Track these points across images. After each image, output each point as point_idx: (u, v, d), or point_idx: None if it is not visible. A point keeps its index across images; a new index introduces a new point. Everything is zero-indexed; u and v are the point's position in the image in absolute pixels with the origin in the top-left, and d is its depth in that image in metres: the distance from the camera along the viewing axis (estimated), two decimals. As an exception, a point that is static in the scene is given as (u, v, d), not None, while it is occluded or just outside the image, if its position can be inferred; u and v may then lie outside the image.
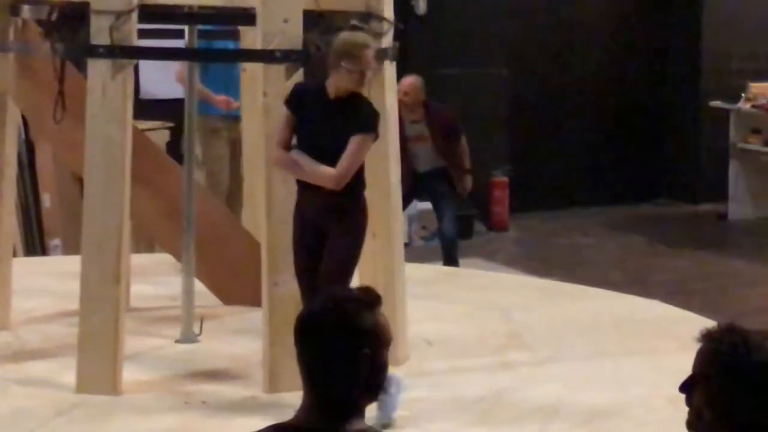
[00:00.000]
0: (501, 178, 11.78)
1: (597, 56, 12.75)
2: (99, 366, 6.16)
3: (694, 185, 12.85)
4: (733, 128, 12.26)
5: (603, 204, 12.70)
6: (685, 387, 3.03)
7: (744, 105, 12.13)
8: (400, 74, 10.85)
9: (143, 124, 9.18)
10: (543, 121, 12.48)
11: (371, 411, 5.15)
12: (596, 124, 12.79)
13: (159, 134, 9.88)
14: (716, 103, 12.39)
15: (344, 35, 5.85)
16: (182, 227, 7.01)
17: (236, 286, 7.50)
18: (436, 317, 7.65)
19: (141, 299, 7.75)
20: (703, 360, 3.00)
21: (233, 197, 8.84)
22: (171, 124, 9.97)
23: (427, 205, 11.29)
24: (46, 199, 10.22)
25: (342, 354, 2.91)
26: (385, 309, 6.73)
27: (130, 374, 6.34)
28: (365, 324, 2.94)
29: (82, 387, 6.15)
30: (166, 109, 9.68)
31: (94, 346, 6.15)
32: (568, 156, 12.61)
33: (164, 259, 8.08)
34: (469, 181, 9.86)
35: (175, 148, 9.01)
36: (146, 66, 9.64)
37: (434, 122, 9.61)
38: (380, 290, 6.62)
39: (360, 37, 5.87)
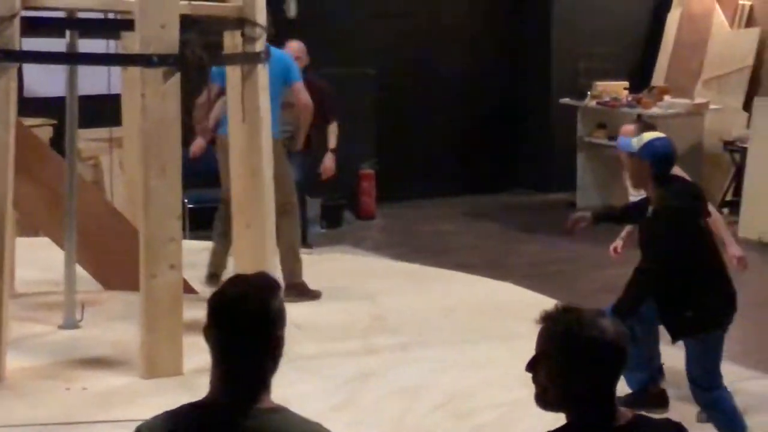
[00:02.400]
0: (368, 171, 11.80)
1: (458, 57, 12.82)
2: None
3: (547, 176, 13.00)
4: (581, 123, 12.44)
5: (464, 194, 12.80)
6: (530, 365, 3.11)
7: (590, 102, 12.31)
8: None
9: (27, 121, 9.00)
10: (408, 117, 12.52)
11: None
12: (458, 120, 12.87)
13: (43, 130, 9.70)
14: (565, 101, 12.54)
15: None
16: (63, 216, 6.90)
17: (116, 271, 7.39)
18: (306, 305, 7.60)
19: (25, 284, 7.59)
20: (542, 339, 3.09)
21: None
22: (54, 121, 9.79)
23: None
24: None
25: (258, 337, 2.95)
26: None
27: (13, 360, 6.20)
28: (276, 308, 2.99)
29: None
30: (49, 107, 9.50)
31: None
32: (431, 149, 12.67)
33: (49, 242, 7.89)
34: (331, 161, 9.70)
35: (57, 144, 8.85)
36: (30, 66, 9.44)
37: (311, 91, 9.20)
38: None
39: None
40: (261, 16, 6.61)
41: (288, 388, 6.02)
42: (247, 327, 2.93)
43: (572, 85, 12.73)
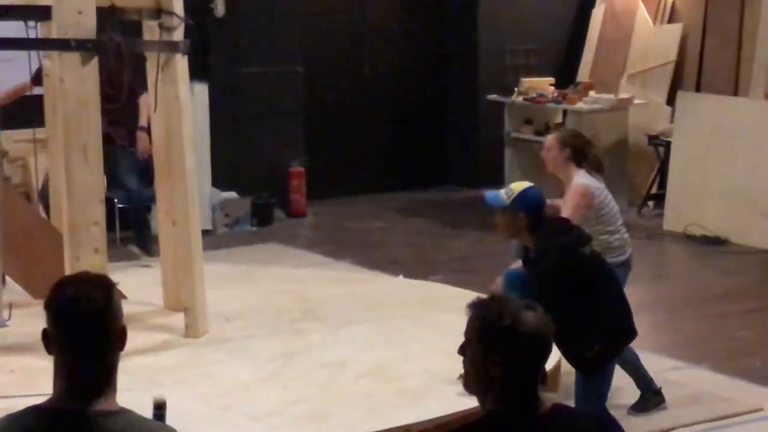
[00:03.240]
0: (298, 168, 11.86)
1: (385, 55, 12.93)
2: None
3: (475, 172, 13.08)
4: (508, 119, 12.54)
5: (393, 191, 12.87)
6: (461, 350, 3.20)
7: (517, 98, 12.44)
8: (202, 74, 10.91)
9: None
10: (336, 114, 12.62)
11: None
12: (386, 118, 12.96)
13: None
14: (492, 97, 12.65)
15: None
16: None
17: (46, 280, 7.33)
18: (238, 300, 7.67)
19: None
20: (468, 325, 3.17)
21: None
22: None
23: (231, 194, 11.34)
24: None
25: (102, 333, 2.95)
26: (185, 286, 6.79)
27: None
28: (115, 301, 2.99)
29: None
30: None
31: None
32: (360, 147, 12.77)
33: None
34: (146, 140, 9.19)
35: None
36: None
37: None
38: (181, 273, 6.71)
39: None
40: (178, 6, 6.68)
41: (215, 366, 6.18)
42: (90, 324, 2.93)
43: (499, 81, 12.82)
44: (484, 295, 3.26)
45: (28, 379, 5.81)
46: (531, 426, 3.12)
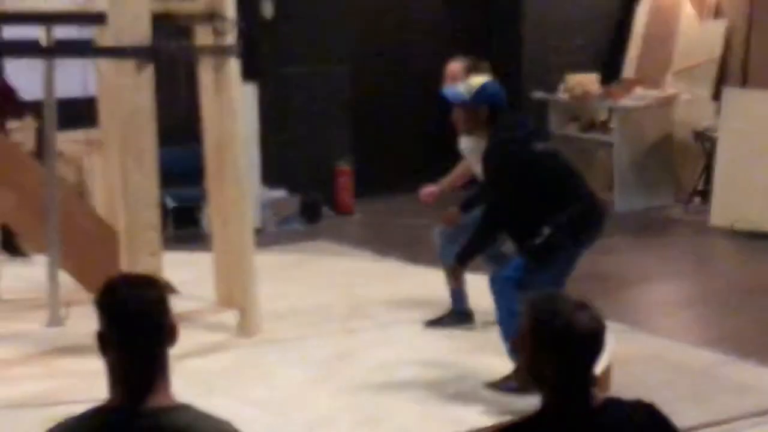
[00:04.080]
0: (344, 167, 11.93)
1: (429, 52, 12.87)
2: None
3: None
4: (552, 116, 12.55)
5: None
6: (514, 347, 3.32)
7: (562, 95, 12.43)
8: (251, 74, 10.99)
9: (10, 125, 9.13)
10: (383, 113, 12.64)
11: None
12: (432, 115, 12.94)
13: (27, 134, 9.79)
14: (537, 94, 12.64)
15: None
16: (44, 222, 7.01)
17: (100, 275, 7.43)
18: (287, 295, 7.76)
19: (11, 292, 7.72)
20: (522, 324, 3.19)
21: None
22: (37, 124, 9.88)
23: (280, 192, 11.44)
24: None
25: (153, 331, 2.98)
26: (238, 286, 6.88)
27: (2, 353, 6.37)
28: (165, 299, 3.03)
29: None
30: (32, 110, 9.59)
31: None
32: (407, 145, 12.79)
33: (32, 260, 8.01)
34: None
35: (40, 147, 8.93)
36: (12, 68, 9.54)
37: None
38: (234, 273, 6.79)
39: None
40: (230, 11, 6.75)
41: (268, 368, 6.27)
42: (142, 323, 2.96)
43: (543, 78, 12.77)
44: (540, 293, 3.27)
45: (85, 382, 5.88)
46: (584, 421, 3.14)
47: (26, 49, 6.84)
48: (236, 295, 6.92)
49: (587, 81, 12.43)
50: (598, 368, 3.34)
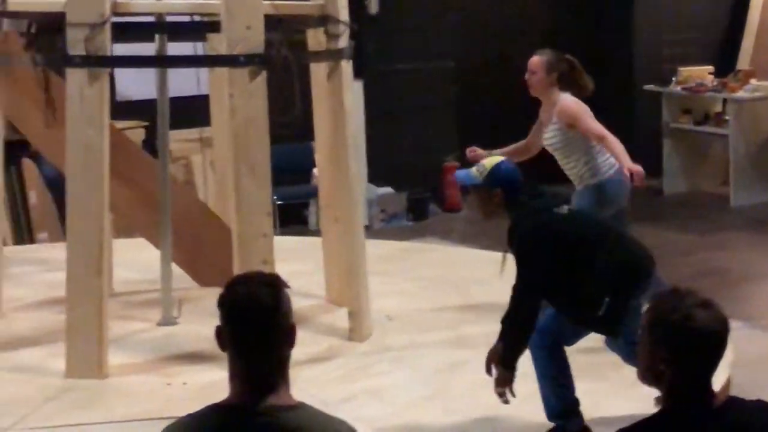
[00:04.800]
0: (452, 163, 11.84)
1: (537, 46, 12.69)
2: (86, 353, 6.18)
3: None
4: (666, 109, 12.31)
5: (549, 183, 12.58)
6: (636, 342, 3.21)
7: (675, 88, 12.21)
8: (357, 72, 10.95)
9: (119, 124, 9.18)
10: (489, 108, 12.51)
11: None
12: (536, 112, 12.80)
13: (135, 133, 9.88)
14: (649, 87, 12.43)
15: None
16: (158, 216, 7.04)
17: (210, 268, 7.51)
18: (396, 293, 7.68)
19: (123, 284, 7.77)
20: (643, 317, 3.17)
21: None
22: (146, 123, 9.98)
23: (387, 190, 11.39)
24: (33, 196, 10.21)
25: (273, 331, 2.99)
26: (349, 289, 6.83)
27: (115, 358, 6.35)
28: (285, 299, 3.03)
29: (70, 372, 6.18)
30: (141, 110, 9.68)
31: (81, 335, 6.17)
32: (514, 140, 12.60)
33: (145, 243, 8.00)
34: None
35: (150, 145, 9.03)
36: (121, 70, 9.63)
37: None
38: (345, 276, 6.75)
39: None
40: (344, 12, 6.70)
41: (380, 379, 6.19)
42: (261, 323, 2.97)
43: (656, 71, 12.56)
44: (666, 289, 3.20)
45: (200, 394, 5.82)
46: (705, 422, 3.07)
47: (141, 61, 6.85)
48: (347, 297, 6.87)
49: (700, 73, 12.24)
50: (723, 372, 3.20)
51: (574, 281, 5.19)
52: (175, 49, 6.82)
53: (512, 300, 5.21)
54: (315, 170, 9.20)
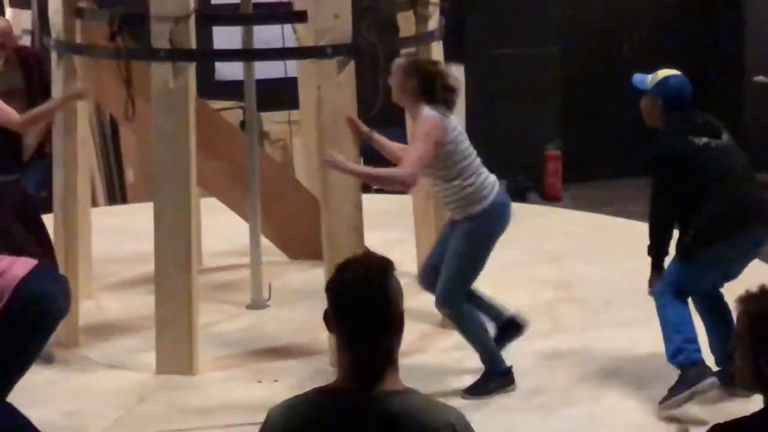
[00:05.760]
0: (553, 152, 11.61)
1: (642, 34, 12.41)
2: (176, 349, 6.12)
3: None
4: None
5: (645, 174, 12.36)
6: (731, 345, 3.18)
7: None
8: (457, 56, 10.78)
9: (218, 104, 9.16)
10: (591, 97, 12.17)
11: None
12: (638, 101, 12.48)
13: (234, 113, 9.78)
14: (759, 78, 11.92)
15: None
16: (247, 190, 6.99)
17: (299, 242, 7.47)
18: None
19: (212, 256, 7.71)
20: (738, 322, 3.14)
21: None
22: (243, 104, 9.92)
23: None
24: (130, 174, 10.23)
25: (381, 317, 2.93)
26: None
27: (206, 347, 6.26)
28: (395, 285, 2.97)
29: (160, 369, 6.12)
30: (239, 90, 9.60)
31: (170, 332, 6.13)
32: (617, 129, 12.29)
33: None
34: None
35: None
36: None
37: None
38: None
39: None
40: None
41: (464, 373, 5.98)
42: (370, 308, 2.91)
43: (767, 62, 12.00)
44: (757, 287, 3.17)
45: (293, 391, 5.72)
46: None
47: (230, 54, 6.77)
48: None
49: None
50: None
51: (685, 204, 5.59)
52: (262, 33, 6.68)
53: (650, 207, 5.76)
54: None
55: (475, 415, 5.15)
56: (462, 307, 5.76)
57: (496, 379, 5.83)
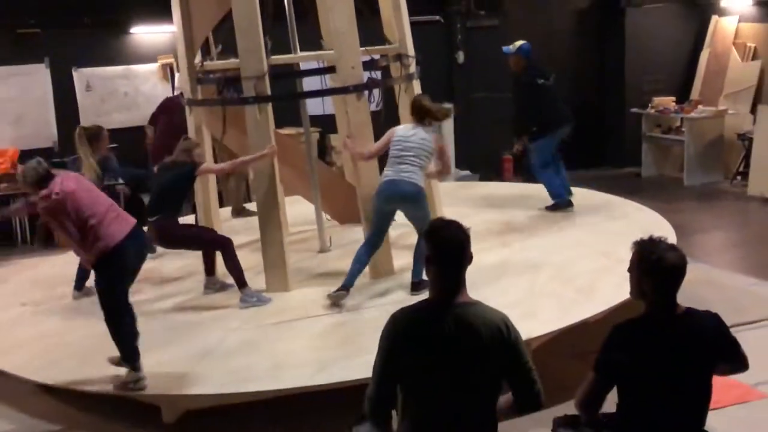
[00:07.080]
0: (507, 156, 10.98)
1: (567, 73, 11.46)
2: (277, 276, 5.79)
3: (623, 156, 11.70)
4: (644, 124, 11.30)
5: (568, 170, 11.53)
6: (629, 270, 3.02)
7: (650, 110, 11.20)
8: (448, 98, 10.26)
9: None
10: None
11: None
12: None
13: (314, 136, 9.27)
14: (634, 109, 11.43)
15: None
16: (310, 185, 6.69)
17: (345, 213, 7.13)
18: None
19: (293, 226, 7.20)
20: (632, 256, 3.01)
21: None
22: (320, 129, 9.61)
23: (465, 172, 10.58)
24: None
25: (461, 256, 2.80)
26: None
27: (295, 277, 5.85)
28: (467, 237, 2.85)
29: (270, 288, 5.77)
30: (319, 121, 9.19)
31: (273, 267, 5.81)
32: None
33: (300, 200, 7.47)
34: None
35: (321, 144, 9.02)
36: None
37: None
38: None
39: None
40: (411, 49, 6.28)
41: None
42: (457, 250, 2.79)
43: (638, 99, 11.48)
44: (647, 236, 3.01)
45: (360, 318, 5.16)
46: (671, 323, 2.95)
47: (287, 96, 6.48)
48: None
49: (667, 101, 11.22)
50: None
51: (534, 110, 6.66)
52: (310, 83, 6.40)
53: (515, 111, 7.30)
54: None
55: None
56: None
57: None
